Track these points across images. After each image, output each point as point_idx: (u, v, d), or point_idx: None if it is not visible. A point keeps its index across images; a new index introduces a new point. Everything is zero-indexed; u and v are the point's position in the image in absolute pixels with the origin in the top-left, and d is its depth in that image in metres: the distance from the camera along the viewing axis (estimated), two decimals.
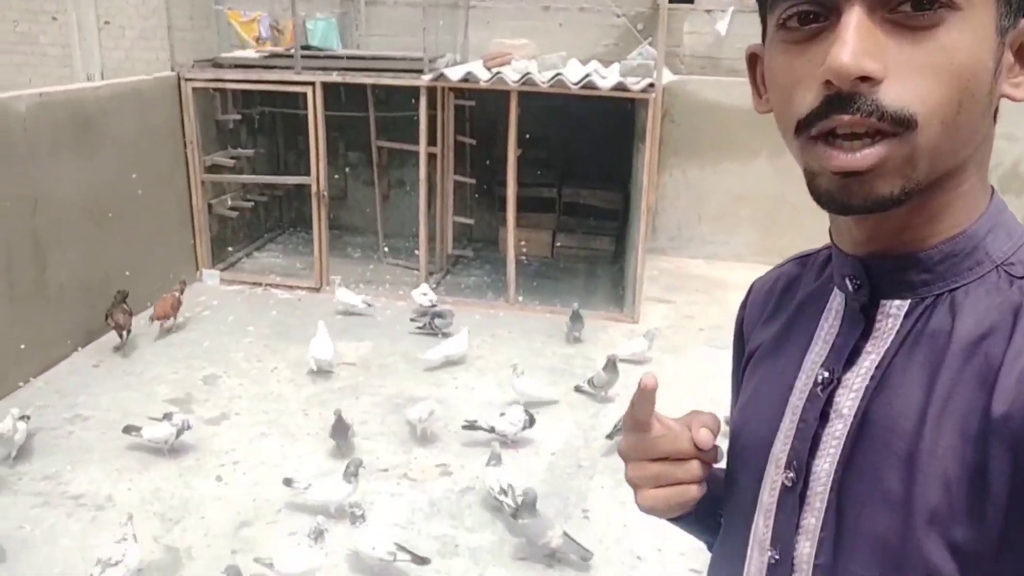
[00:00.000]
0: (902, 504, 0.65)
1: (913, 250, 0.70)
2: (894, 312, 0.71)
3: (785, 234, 6.45)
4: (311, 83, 6.00)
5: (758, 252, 6.88)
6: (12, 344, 4.60)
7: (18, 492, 3.71)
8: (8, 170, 4.57)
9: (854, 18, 0.62)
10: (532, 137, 6.65)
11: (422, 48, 5.91)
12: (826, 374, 0.74)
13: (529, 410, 4.22)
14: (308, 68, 6.06)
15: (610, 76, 5.67)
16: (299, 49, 6.16)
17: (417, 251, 6.39)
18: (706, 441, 0.80)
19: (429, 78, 5.78)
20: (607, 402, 4.68)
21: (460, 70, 5.82)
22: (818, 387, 0.74)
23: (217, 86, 6.30)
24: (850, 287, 0.74)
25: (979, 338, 0.66)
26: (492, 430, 4.14)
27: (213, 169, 6.48)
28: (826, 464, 0.72)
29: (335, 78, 6.03)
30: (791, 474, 0.74)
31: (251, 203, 7.05)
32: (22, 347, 4.65)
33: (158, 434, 3.97)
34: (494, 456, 3.75)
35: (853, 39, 0.61)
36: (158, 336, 5.39)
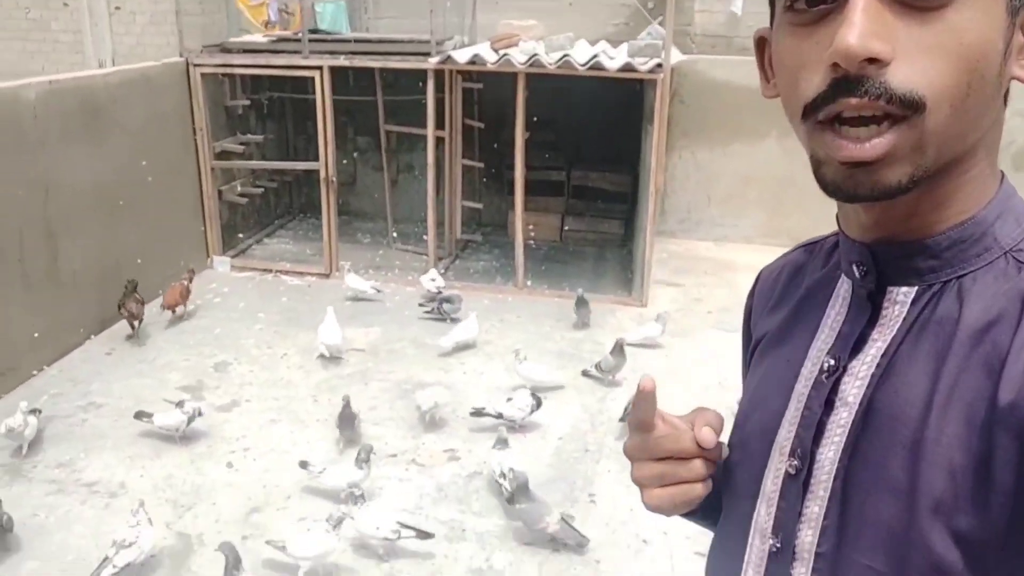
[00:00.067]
0: (907, 493, 0.65)
1: (920, 236, 0.69)
2: (901, 299, 0.71)
3: (794, 215, 6.40)
4: (318, 67, 5.99)
5: (767, 234, 6.84)
6: (26, 333, 4.66)
7: (33, 480, 3.77)
8: (19, 158, 4.60)
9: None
10: (541, 120, 6.62)
11: (430, 30, 5.88)
12: (832, 362, 0.74)
13: (536, 394, 4.23)
14: (315, 52, 6.05)
15: (618, 57, 5.61)
16: (306, 33, 6.15)
17: (426, 236, 6.39)
18: (708, 440, 0.80)
19: (436, 61, 5.75)
20: (615, 386, 4.68)
21: (467, 52, 5.78)
22: (823, 375, 0.74)
23: (225, 71, 6.31)
24: (857, 274, 0.73)
25: (986, 325, 0.65)
26: (500, 416, 4.16)
27: (223, 155, 6.49)
28: (831, 452, 0.71)
29: (342, 62, 6.01)
30: (795, 462, 0.74)
31: (261, 189, 7.06)
32: (36, 335, 4.72)
33: (169, 421, 4.02)
34: (500, 440, 3.77)
35: (861, 20, 0.60)
36: (169, 324, 5.44)
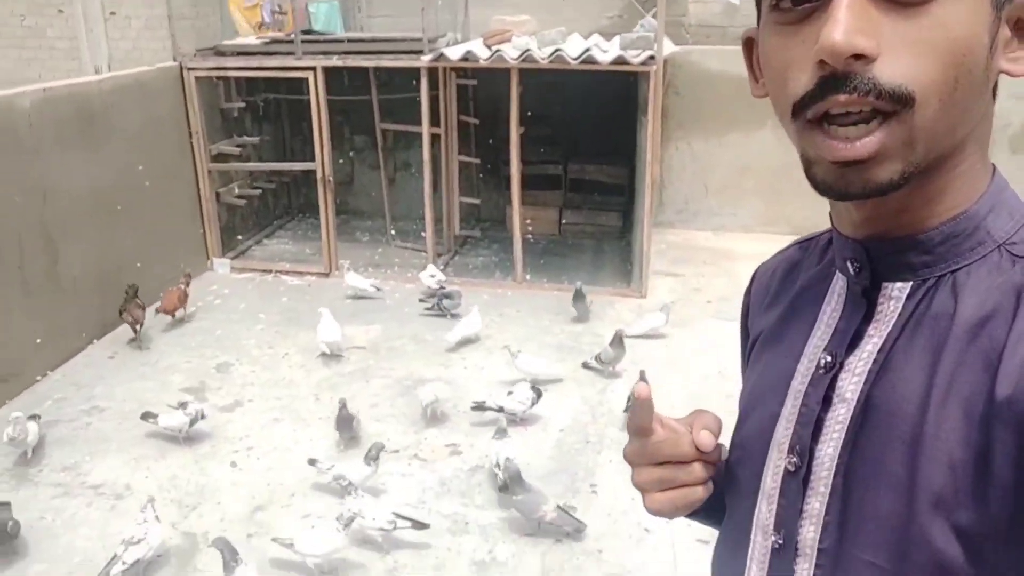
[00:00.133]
0: (907, 488, 0.65)
1: (913, 232, 0.69)
2: (896, 295, 0.71)
3: (792, 203, 6.40)
4: (312, 68, 6.00)
5: (765, 222, 6.85)
6: (28, 338, 4.69)
7: (39, 483, 3.80)
8: (15, 165, 4.62)
9: None
10: (536, 115, 6.62)
11: (422, 28, 5.89)
12: (828, 358, 0.74)
13: (536, 386, 4.25)
14: (309, 53, 6.07)
15: (611, 50, 5.62)
16: (299, 34, 6.17)
17: (424, 233, 6.41)
18: (707, 443, 0.80)
19: (429, 59, 5.76)
20: (614, 377, 4.70)
21: (460, 49, 5.79)
22: (820, 371, 0.74)
23: (219, 74, 6.32)
24: (851, 270, 0.74)
25: (982, 319, 0.65)
26: (501, 410, 4.17)
27: (219, 158, 6.51)
28: (830, 449, 0.72)
29: (335, 62, 6.03)
30: (794, 459, 0.74)
31: (259, 191, 7.08)
32: (38, 341, 4.74)
33: (173, 422, 4.05)
34: (499, 430, 3.80)
35: (845, 17, 0.60)
36: (171, 326, 5.46)
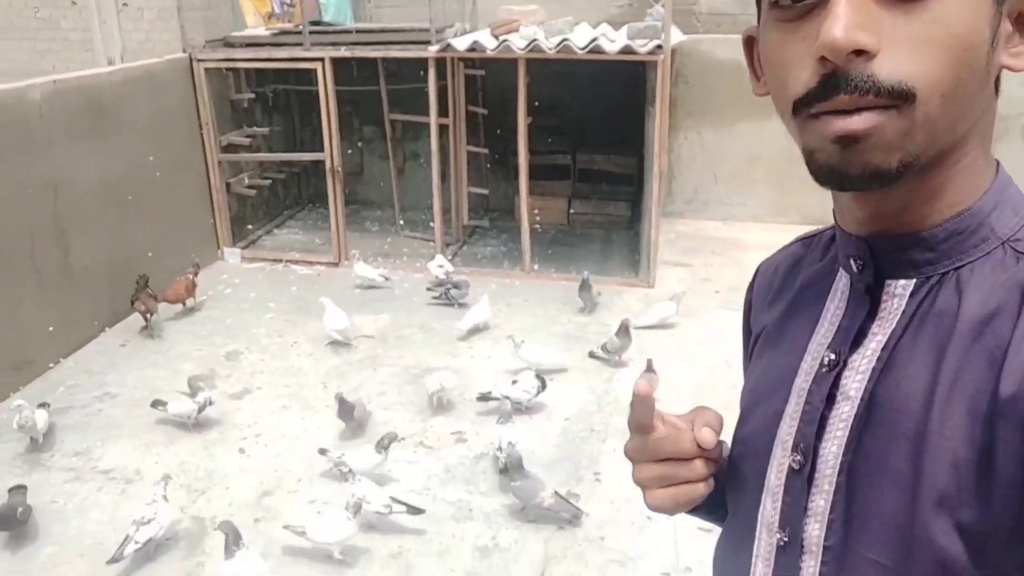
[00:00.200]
0: (910, 486, 0.65)
1: (916, 229, 0.69)
2: (899, 292, 0.71)
3: (801, 193, 6.37)
4: (320, 59, 6.02)
5: (776, 212, 6.83)
6: (41, 327, 4.76)
7: (51, 468, 3.87)
8: (27, 157, 4.67)
9: None
10: (544, 104, 6.63)
11: (429, 19, 5.89)
12: (832, 356, 0.74)
13: (541, 375, 4.27)
14: (317, 44, 6.09)
15: (619, 39, 5.60)
16: (307, 25, 6.19)
17: (432, 223, 6.43)
18: (708, 440, 0.80)
19: (436, 49, 5.76)
20: (620, 367, 4.71)
21: (467, 39, 5.79)
22: (824, 369, 0.74)
23: (229, 66, 6.36)
24: (854, 268, 0.73)
25: (986, 317, 0.65)
26: (507, 399, 4.19)
27: (229, 148, 6.55)
28: (834, 447, 0.72)
29: (343, 53, 6.04)
30: (798, 456, 0.74)
31: (269, 181, 7.12)
32: (51, 330, 4.81)
33: (182, 409, 4.10)
34: (504, 414, 3.83)
35: (846, 12, 0.59)
36: (182, 315, 5.52)
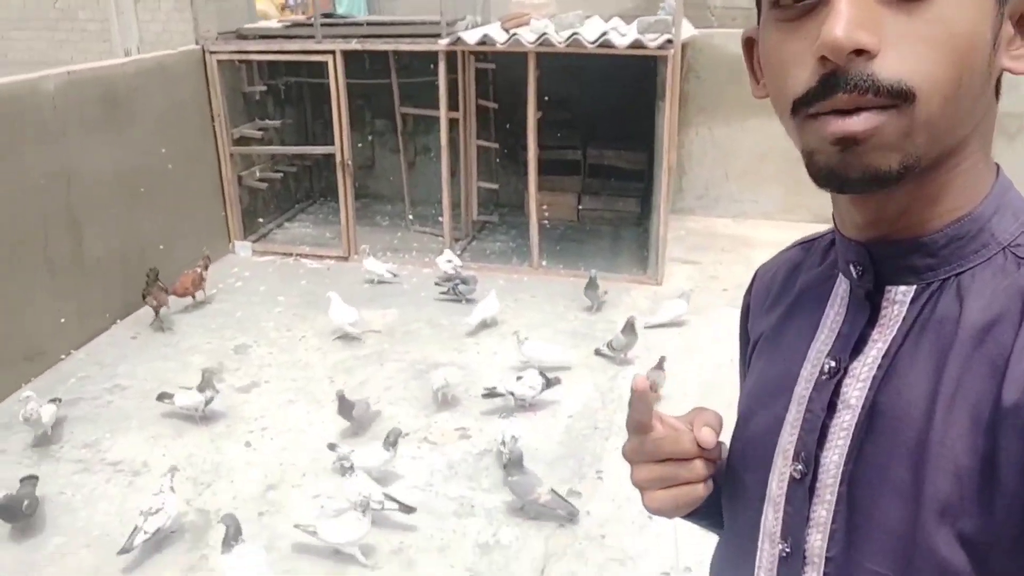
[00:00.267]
0: (912, 496, 0.64)
1: (916, 234, 0.68)
2: (900, 298, 0.70)
3: (812, 191, 6.16)
4: (331, 52, 6.03)
5: (787, 209, 6.78)
6: (53, 318, 4.81)
7: (60, 460, 3.92)
8: (40, 148, 4.72)
9: None
10: (555, 99, 6.60)
11: (440, 12, 5.88)
12: (833, 363, 0.73)
13: (545, 372, 4.27)
14: (328, 36, 6.10)
15: (629, 33, 5.57)
16: (319, 18, 6.20)
17: (442, 218, 6.44)
18: (708, 440, 0.79)
19: (446, 42, 5.76)
20: (626, 364, 4.71)
21: (477, 33, 5.78)
22: (824, 376, 0.73)
23: (241, 58, 6.38)
24: (854, 273, 0.73)
25: (988, 324, 0.64)
26: (511, 395, 4.21)
27: (241, 141, 6.58)
28: (835, 456, 0.71)
29: (355, 46, 6.05)
30: (799, 466, 0.73)
31: (280, 174, 7.14)
32: (63, 321, 4.86)
33: (188, 402, 4.14)
34: (508, 409, 3.84)
35: (847, 11, 0.59)
36: (192, 308, 5.57)
